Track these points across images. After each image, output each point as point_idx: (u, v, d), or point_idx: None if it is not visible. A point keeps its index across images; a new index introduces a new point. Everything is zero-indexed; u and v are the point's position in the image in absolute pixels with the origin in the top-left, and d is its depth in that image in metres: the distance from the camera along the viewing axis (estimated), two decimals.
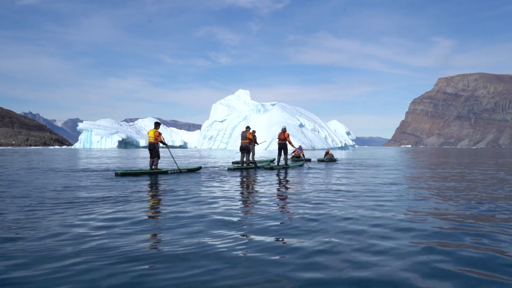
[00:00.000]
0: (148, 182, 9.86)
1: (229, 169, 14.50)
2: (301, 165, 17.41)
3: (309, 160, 21.75)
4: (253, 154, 16.37)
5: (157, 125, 13.37)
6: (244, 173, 13.08)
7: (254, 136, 16.09)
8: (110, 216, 5.08)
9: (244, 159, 15.67)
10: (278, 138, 16.33)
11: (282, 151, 16.33)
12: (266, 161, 19.16)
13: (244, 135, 15.61)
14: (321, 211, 5.49)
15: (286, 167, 15.84)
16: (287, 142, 16.22)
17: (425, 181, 10.29)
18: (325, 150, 25.22)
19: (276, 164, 16.52)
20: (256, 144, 16.49)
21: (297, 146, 22.37)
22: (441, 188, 8.51)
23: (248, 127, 16.14)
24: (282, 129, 16.39)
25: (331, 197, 6.94)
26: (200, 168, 14.05)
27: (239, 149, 15.91)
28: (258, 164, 16.40)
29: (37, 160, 23.68)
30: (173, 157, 16.47)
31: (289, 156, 23.19)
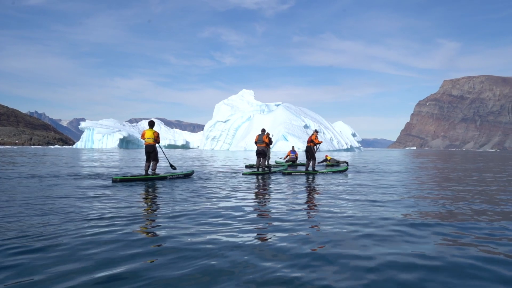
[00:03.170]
0: (149, 191, 8.39)
1: (244, 174, 13.45)
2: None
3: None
4: (269, 158, 15.20)
5: (152, 124, 11.78)
6: (261, 179, 12.04)
7: (270, 139, 14.90)
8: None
9: (260, 164, 14.62)
10: (307, 141, 15.00)
11: (309, 155, 14.79)
12: (284, 165, 17.95)
13: (260, 139, 14.56)
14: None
15: (313, 173, 14.21)
16: (313, 146, 14.64)
17: None
18: (325, 155, 22.96)
19: (305, 169, 15.06)
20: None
21: (295, 147, 20.76)
22: None
23: (264, 130, 15.08)
24: (314, 131, 15.02)
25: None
26: (193, 172, 12.77)
27: (255, 153, 14.87)
28: (273, 169, 15.29)
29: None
30: (167, 158, 14.48)
31: (283, 160, 21.69)
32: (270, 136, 15.22)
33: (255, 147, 15.08)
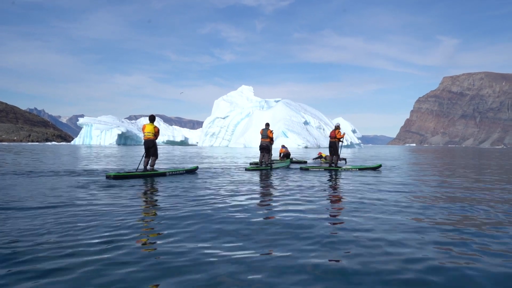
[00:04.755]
0: (146, 189, 7.84)
1: (247, 170, 13.12)
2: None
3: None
4: (271, 155, 14.80)
5: (153, 119, 11.28)
6: (265, 175, 11.58)
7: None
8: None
9: (263, 159, 14.20)
10: (329, 136, 14.42)
11: (333, 150, 14.20)
12: (286, 161, 17.48)
13: (265, 134, 14.09)
14: None
15: (335, 169, 13.59)
16: (336, 141, 14.04)
17: None
18: (318, 153, 21.36)
19: (328, 165, 14.52)
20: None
21: (285, 145, 20.19)
22: None
23: (268, 124, 14.58)
24: (335, 126, 14.47)
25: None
26: (197, 168, 12.41)
27: (258, 148, 14.44)
28: (275, 166, 14.84)
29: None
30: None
31: (278, 159, 20.81)
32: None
33: (254, 144, 14.57)
